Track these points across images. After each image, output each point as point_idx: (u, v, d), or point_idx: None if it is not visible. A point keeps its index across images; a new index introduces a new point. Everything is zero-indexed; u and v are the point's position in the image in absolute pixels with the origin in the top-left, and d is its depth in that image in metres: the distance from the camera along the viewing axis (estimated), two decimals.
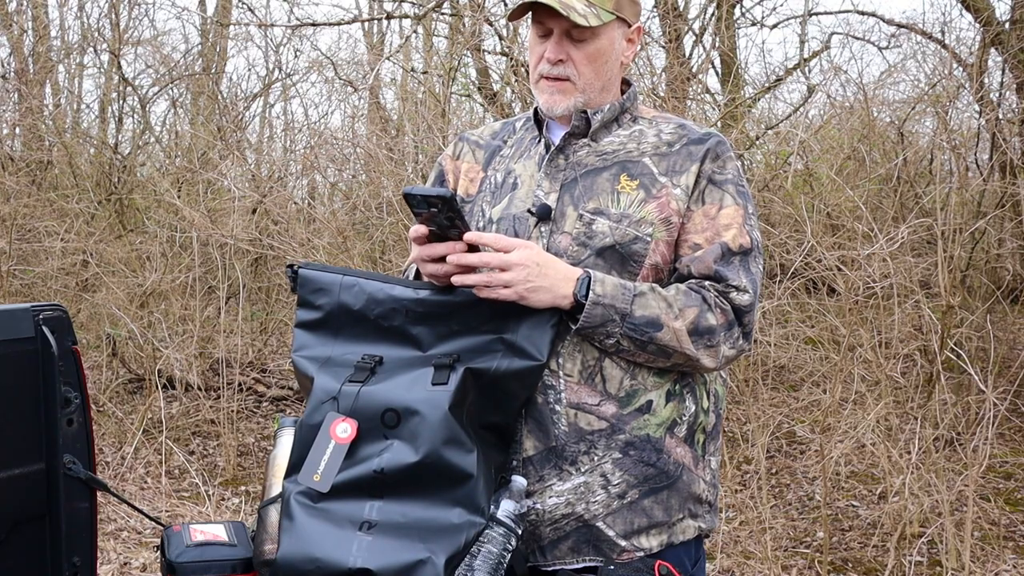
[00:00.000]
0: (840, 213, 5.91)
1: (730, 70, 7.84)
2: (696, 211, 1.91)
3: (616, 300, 1.81)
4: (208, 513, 5.07)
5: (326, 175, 8.22)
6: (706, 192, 1.92)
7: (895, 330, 4.80)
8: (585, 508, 1.88)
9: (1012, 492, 5.22)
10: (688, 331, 1.83)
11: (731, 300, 1.87)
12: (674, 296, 1.85)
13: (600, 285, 1.81)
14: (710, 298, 1.86)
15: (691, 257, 1.89)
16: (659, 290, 1.85)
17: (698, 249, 1.90)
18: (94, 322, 7.34)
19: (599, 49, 1.93)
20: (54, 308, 2.19)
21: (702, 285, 1.87)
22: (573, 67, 1.93)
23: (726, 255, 1.89)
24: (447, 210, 1.75)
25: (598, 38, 1.92)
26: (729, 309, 1.87)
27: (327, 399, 1.81)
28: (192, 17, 11.45)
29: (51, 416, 2.14)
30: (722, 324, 1.86)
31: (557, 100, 1.94)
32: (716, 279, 1.88)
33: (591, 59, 1.93)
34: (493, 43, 7.68)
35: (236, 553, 1.93)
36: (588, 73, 1.94)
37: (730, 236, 1.90)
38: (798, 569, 4.43)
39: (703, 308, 1.85)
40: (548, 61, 1.93)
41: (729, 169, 1.94)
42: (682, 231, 1.91)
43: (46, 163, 8.79)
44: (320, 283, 1.93)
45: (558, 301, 1.81)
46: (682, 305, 1.84)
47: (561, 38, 1.92)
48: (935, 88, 6.90)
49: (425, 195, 1.73)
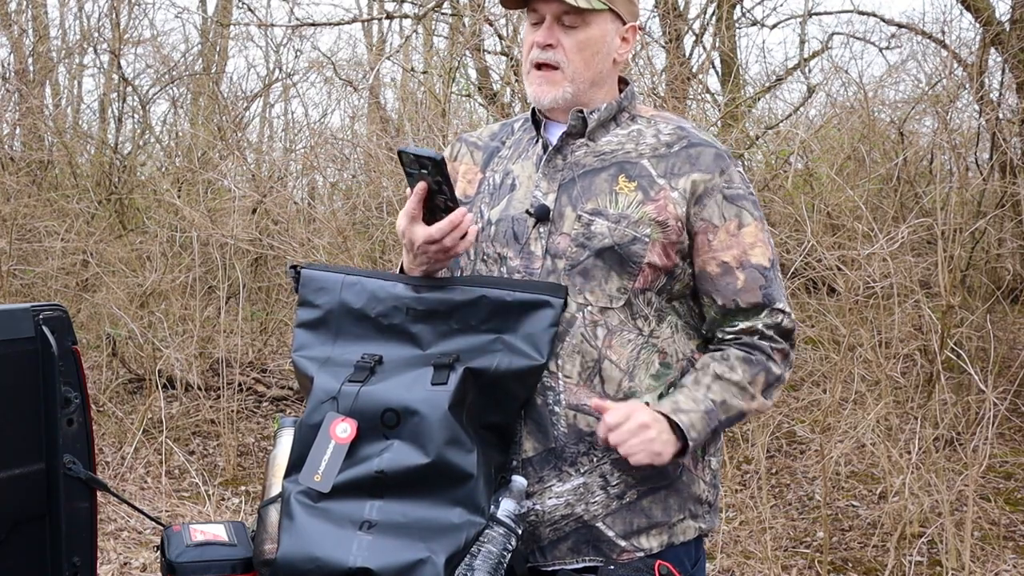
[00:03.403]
0: (840, 213, 5.91)
1: (730, 70, 7.84)
2: (720, 227, 1.91)
3: (708, 426, 1.86)
4: (208, 513, 5.07)
5: (326, 175, 8.22)
6: (723, 208, 1.92)
7: (895, 330, 4.79)
8: (584, 509, 1.88)
9: (1012, 492, 5.22)
10: (762, 393, 1.92)
11: (782, 328, 1.93)
12: (742, 374, 1.89)
13: (693, 430, 1.84)
14: (768, 348, 1.92)
15: (734, 289, 1.90)
16: (728, 376, 1.88)
17: (729, 269, 1.91)
18: (94, 322, 7.34)
19: (590, 38, 1.92)
20: (54, 308, 2.19)
21: (757, 336, 1.91)
22: (563, 53, 1.92)
23: (767, 276, 1.92)
24: (436, 173, 1.80)
25: (589, 27, 1.92)
26: (785, 345, 1.93)
27: (327, 399, 1.81)
28: (192, 17, 11.48)
29: (51, 416, 2.14)
30: (783, 363, 1.94)
31: (545, 91, 1.93)
32: (767, 303, 1.91)
33: (581, 47, 1.92)
34: (493, 43, 7.68)
35: (236, 553, 1.93)
36: (577, 62, 1.92)
37: (760, 254, 1.92)
38: (798, 569, 4.43)
39: (767, 366, 1.91)
40: (538, 46, 1.92)
41: (737, 181, 1.94)
42: (705, 247, 1.91)
43: (46, 163, 8.79)
44: (322, 282, 1.93)
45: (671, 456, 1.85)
46: (751, 378, 1.90)
47: (552, 24, 1.92)
48: (935, 88, 6.90)
49: (417, 155, 1.80)
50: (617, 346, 1.88)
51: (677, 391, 1.88)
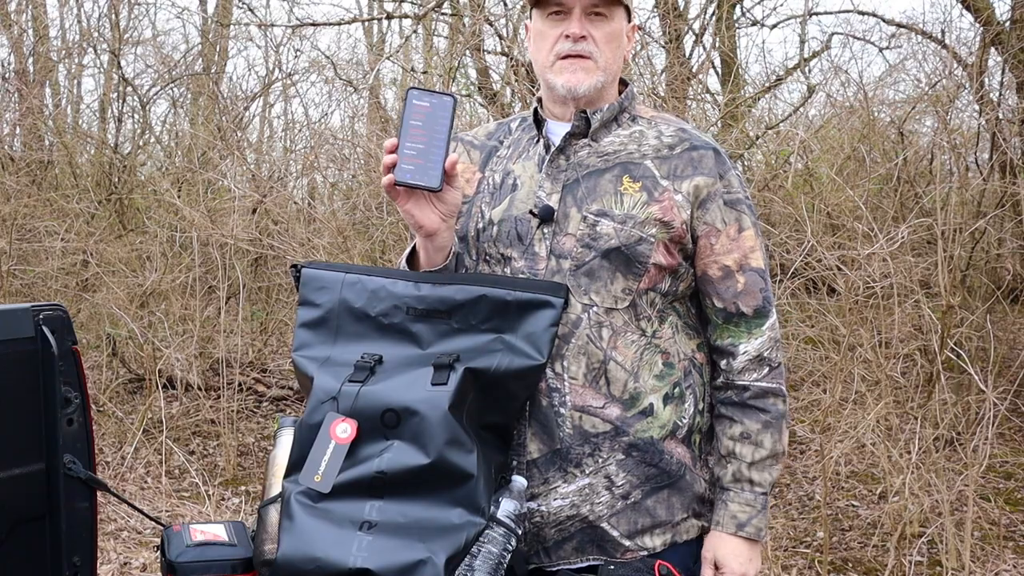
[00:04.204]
0: (840, 213, 5.91)
1: (730, 70, 7.83)
2: (722, 232, 1.93)
3: (766, 510, 1.96)
4: (208, 513, 5.06)
5: (326, 175, 8.21)
6: (724, 212, 1.93)
7: (895, 330, 4.79)
8: (590, 509, 1.88)
9: (1012, 492, 5.22)
10: (783, 435, 1.97)
11: (778, 340, 1.98)
12: (770, 444, 1.95)
13: (761, 532, 1.94)
14: (777, 388, 1.96)
15: (734, 292, 1.94)
16: (759, 456, 1.95)
17: (729, 273, 1.93)
18: (94, 322, 7.34)
19: (614, 31, 1.94)
20: (54, 308, 2.18)
21: (767, 372, 1.96)
22: (595, 44, 1.91)
23: (765, 280, 1.97)
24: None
25: (612, 20, 1.93)
26: (781, 361, 1.98)
27: (327, 399, 1.80)
28: (192, 17, 11.45)
29: (51, 416, 2.14)
30: (784, 383, 1.99)
31: (580, 78, 1.91)
32: (766, 306, 1.96)
33: (609, 39, 1.93)
34: (493, 43, 7.68)
35: (236, 553, 1.93)
36: (608, 53, 1.93)
37: (759, 258, 1.96)
38: (798, 569, 4.43)
39: (781, 411, 1.96)
40: (571, 38, 1.90)
41: (736, 185, 1.96)
42: (708, 250, 1.94)
43: (46, 163, 8.79)
44: (323, 281, 1.93)
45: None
46: (776, 438, 1.96)
47: (581, 16, 1.91)
48: (935, 88, 6.89)
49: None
50: (622, 347, 1.88)
51: (727, 498, 1.94)
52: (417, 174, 1.79)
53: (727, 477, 1.94)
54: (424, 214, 1.83)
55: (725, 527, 1.93)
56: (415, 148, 1.79)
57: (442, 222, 1.85)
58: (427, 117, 1.79)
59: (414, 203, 1.83)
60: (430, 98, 1.80)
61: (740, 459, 1.93)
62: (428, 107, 1.79)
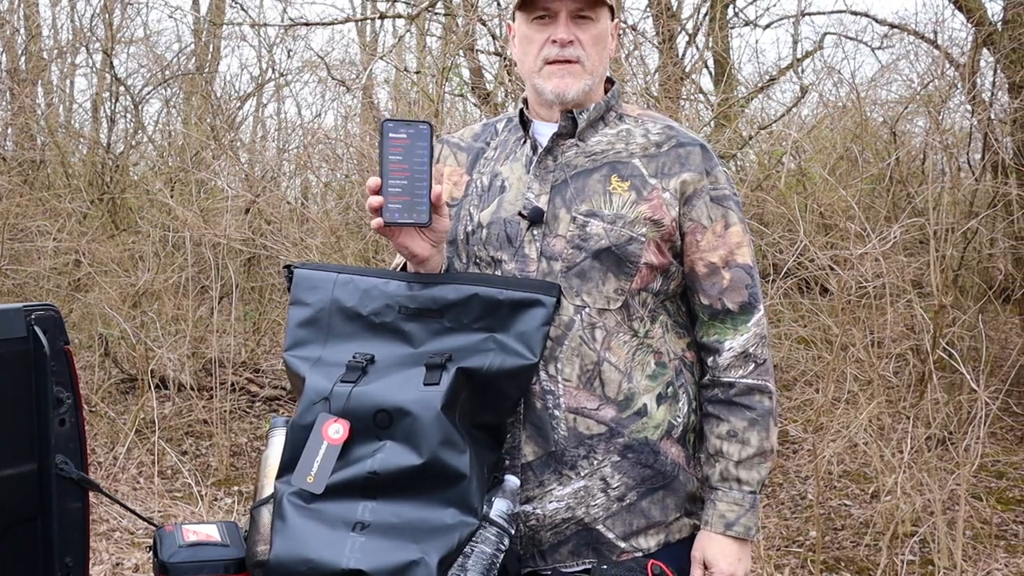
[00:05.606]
0: (833, 213, 5.91)
1: (723, 70, 7.84)
2: (708, 228, 1.93)
3: (756, 508, 1.94)
4: (201, 513, 5.06)
5: (319, 175, 8.21)
6: (711, 209, 1.93)
7: (887, 329, 4.80)
8: (585, 512, 1.88)
9: (1004, 491, 5.23)
10: (771, 432, 1.96)
11: (764, 336, 1.96)
12: (757, 441, 1.94)
13: (751, 530, 1.93)
14: (763, 384, 1.94)
15: (720, 288, 1.93)
16: (746, 454, 1.94)
17: (715, 269, 1.93)
18: (87, 322, 7.32)
19: (601, 32, 1.93)
20: (46, 308, 2.18)
21: (752, 367, 1.94)
22: (582, 48, 1.91)
23: (752, 276, 1.96)
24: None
25: (598, 22, 1.92)
26: (768, 357, 1.96)
27: (319, 400, 1.80)
28: (185, 17, 11.42)
29: (43, 416, 2.14)
30: (772, 379, 1.97)
31: (569, 83, 1.91)
32: (753, 302, 1.94)
33: (595, 41, 1.92)
34: (486, 43, 7.68)
35: (229, 553, 1.93)
36: (594, 56, 1.93)
37: (745, 254, 1.95)
38: (791, 568, 4.44)
39: (768, 408, 1.95)
40: (559, 43, 1.90)
41: (723, 181, 1.96)
42: (694, 247, 1.93)
43: (38, 162, 8.77)
44: (315, 281, 1.93)
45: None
46: (763, 436, 1.94)
47: (568, 20, 1.91)
48: (927, 88, 6.91)
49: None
50: (615, 348, 1.88)
51: (715, 497, 1.93)
52: (405, 212, 1.79)
53: (715, 476, 1.94)
54: (416, 244, 1.84)
55: (714, 527, 1.92)
56: (399, 185, 1.79)
57: (433, 248, 1.86)
58: (405, 150, 1.79)
59: (406, 236, 1.83)
60: (406, 128, 1.79)
61: (727, 458, 1.93)
62: (405, 138, 1.79)
